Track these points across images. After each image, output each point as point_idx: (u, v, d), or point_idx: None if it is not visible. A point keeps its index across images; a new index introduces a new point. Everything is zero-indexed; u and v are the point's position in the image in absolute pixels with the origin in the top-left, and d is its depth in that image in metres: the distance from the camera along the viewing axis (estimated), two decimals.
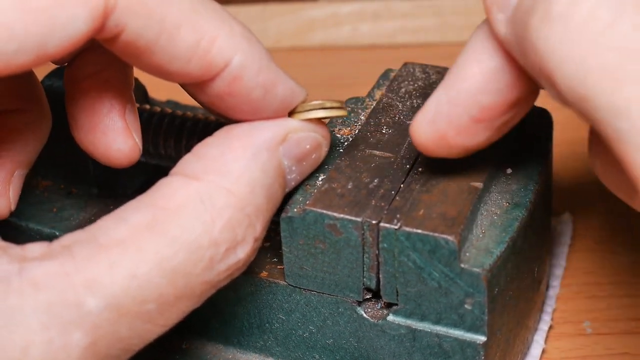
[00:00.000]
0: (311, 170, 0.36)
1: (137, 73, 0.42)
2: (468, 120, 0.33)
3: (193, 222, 0.31)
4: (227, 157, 0.33)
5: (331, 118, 0.36)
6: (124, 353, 0.30)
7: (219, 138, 0.34)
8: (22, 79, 0.38)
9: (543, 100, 0.40)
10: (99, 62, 0.36)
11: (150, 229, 0.30)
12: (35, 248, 0.30)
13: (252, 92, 0.33)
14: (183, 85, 0.34)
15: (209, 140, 0.34)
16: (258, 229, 0.33)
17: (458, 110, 0.33)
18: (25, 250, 0.30)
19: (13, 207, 0.38)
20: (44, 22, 0.28)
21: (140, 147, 0.37)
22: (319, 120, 0.35)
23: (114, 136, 0.36)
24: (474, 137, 0.33)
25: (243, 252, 0.32)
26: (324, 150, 0.36)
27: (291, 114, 0.35)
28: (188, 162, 0.33)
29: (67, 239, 0.30)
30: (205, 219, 0.31)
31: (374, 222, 0.34)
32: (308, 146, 0.35)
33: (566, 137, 0.46)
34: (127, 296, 0.29)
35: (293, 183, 0.35)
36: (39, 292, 0.28)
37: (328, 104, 0.35)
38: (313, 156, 0.35)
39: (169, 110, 0.43)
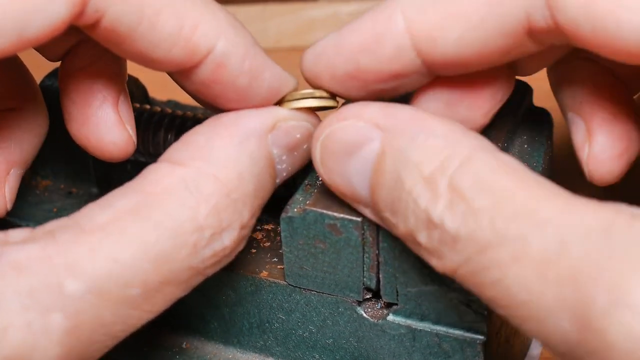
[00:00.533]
0: (304, 161, 0.35)
1: (138, 73, 0.42)
2: (343, 73, 0.33)
3: (178, 207, 0.31)
4: (214, 144, 0.32)
5: (321, 109, 0.36)
6: (109, 339, 0.30)
7: (206, 126, 0.34)
8: (16, 78, 0.38)
9: (543, 100, 0.40)
10: (91, 55, 0.36)
11: (134, 214, 0.30)
12: (18, 233, 0.30)
13: (237, 79, 0.33)
14: (169, 74, 0.34)
15: (197, 129, 0.34)
16: (245, 215, 0.32)
17: (337, 60, 0.33)
18: (7, 235, 0.30)
19: (9, 206, 0.38)
20: (21, 7, 0.28)
21: (135, 140, 0.37)
22: (309, 110, 0.35)
23: (106, 128, 0.36)
24: (345, 90, 0.33)
25: (229, 239, 0.32)
26: None
27: (280, 103, 0.35)
28: (175, 150, 0.33)
29: (51, 224, 0.30)
30: (190, 204, 0.31)
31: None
32: (298, 135, 0.35)
33: (566, 137, 0.46)
34: (109, 280, 0.29)
35: (284, 174, 0.35)
36: (20, 275, 0.28)
37: (318, 94, 0.34)
38: (304, 146, 0.35)
39: (169, 110, 0.43)
